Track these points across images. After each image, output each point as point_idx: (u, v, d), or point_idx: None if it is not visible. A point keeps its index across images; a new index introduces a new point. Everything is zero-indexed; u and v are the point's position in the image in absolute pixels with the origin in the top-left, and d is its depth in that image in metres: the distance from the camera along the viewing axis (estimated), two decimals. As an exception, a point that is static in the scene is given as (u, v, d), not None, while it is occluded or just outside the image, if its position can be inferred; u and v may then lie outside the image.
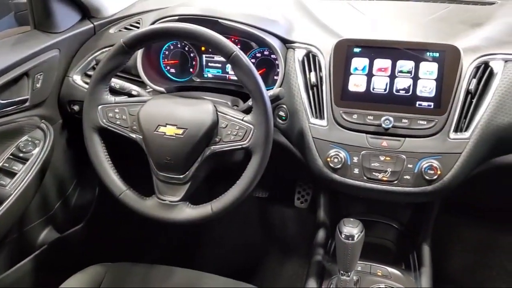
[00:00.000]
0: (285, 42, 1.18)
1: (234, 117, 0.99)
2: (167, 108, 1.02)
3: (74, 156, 1.45)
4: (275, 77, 1.23)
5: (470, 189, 1.20)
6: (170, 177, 1.01)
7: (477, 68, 1.04)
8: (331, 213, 1.42)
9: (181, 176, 1.01)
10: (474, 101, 1.03)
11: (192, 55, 1.32)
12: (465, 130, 1.02)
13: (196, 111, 1.00)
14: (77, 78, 1.32)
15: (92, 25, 1.38)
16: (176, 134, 0.98)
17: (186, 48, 1.32)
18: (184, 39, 1.27)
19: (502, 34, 1.12)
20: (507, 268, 1.70)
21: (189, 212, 1.01)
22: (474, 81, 1.03)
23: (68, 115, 1.36)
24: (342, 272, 1.06)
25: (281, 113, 1.16)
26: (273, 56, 1.24)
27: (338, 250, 1.04)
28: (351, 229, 1.00)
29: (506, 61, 1.04)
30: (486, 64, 1.04)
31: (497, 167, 1.09)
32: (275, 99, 1.05)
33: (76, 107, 1.33)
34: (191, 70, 1.33)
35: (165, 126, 0.99)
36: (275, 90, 1.05)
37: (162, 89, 1.21)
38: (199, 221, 1.00)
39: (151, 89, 1.23)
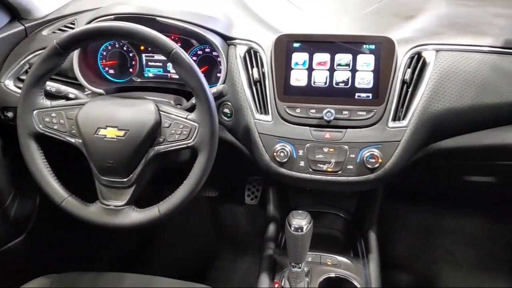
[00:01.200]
0: (226, 38, 1.18)
1: (178, 116, 0.97)
2: (107, 109, 0.99)
3: (11, 165, 1.37)
4: (218, 74, 1.23)
5: (410, 175, 1.25)
6: (113, 181, 0.98)
7: (411, 58, 1.08)
8: (280, 207, 1.44)
9: (125, 180, 0.98)
10: (410, 90, 1.07)
11: (131, 54, 1.29)
12: (403, 119, 1.06)
13: (137, 111, 0.98)
14: (9, 83, 1.25)
15: (22, 27, 1.31)
16: (117, 136, 0.96)
17: (125, 48, 1.29)
18: (121, 38, 1.24)
19: (432, 26, 1.17)
20: (449, 249, 1.79)
21: (135, 216, 0.99)
22: (409, 71, 1.07)
23: (2, 123, 1.29)
24: (293, 264, 1.07)
25: (226, 110, 1.16)
26: (214, 53, 1.24)
27: (288, 243, 1.05)
28: (300, 221, 1.02)
29: (437, 51, 1.09)
30: (419, 55, 1.09)
31: (434, 153, 1.14)
32: (218, 96, 1.04)
33: (10, 114, 1.26)
34: (130, 70, 1.30)
35: (106, 128, 0.96)
36: (218, 87, 1.05)
37: (101, 90, 1.17)
38: (147, 224, 0.98)
39: (89, 92, 1.19)
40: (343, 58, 1.08)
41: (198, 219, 1.94)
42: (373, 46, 1.07)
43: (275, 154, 1.08)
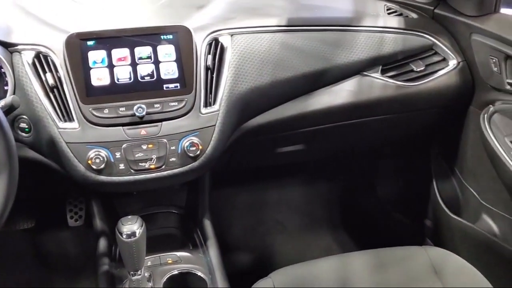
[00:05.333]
0: (6, 46, 1.04)
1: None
2: None
3: None
4: (5, 87, 1.07)
5: (231, 157, 1.30)
6: None
7: (210, 44, 1.11)
8: (108, 219, 1.35)
9: None
10: (214, 76, 1.10)
11: None
12: (214, 104, 1.08)
13: None
14: None
15: None
16: None
17: None
18: None
19: (224, 12, 1.23)
20: (278, 219, 1.93)
21: None
22: (210, 57, 1.10)
23: None
24: (132, 272, 1.02)
25: (23, 125, 1.02)
26: (-5, 64, 1.08)
27: (123, 252, 0.99)
28: (131, 226, 0.97)
29: (232, 35, 1.14)
30: (216, 40, 1.12)
31: (247, 132, 1.20)
32: (9, 109, 0.92)
33: None
34: None
35: None
36: (7, 99, 0.92)
37: None
38: None
39: None
40: (143, 51, 1.06)
41: (19, 258, 1.70)
42: (171, 36, 1.07)
43: (90, 162, 0.99)
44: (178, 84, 1.06)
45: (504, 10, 1.26)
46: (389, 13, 1.42)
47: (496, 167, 1.23)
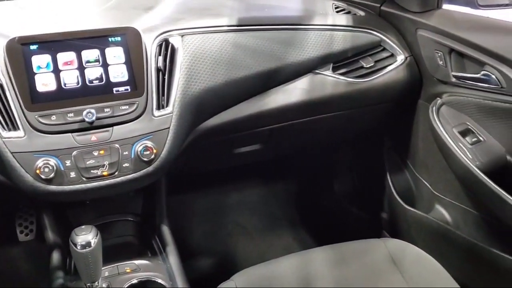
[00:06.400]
0: None
1: None
2: None
3: None
4: None
5: (188, 159, 1.27)
6: None
7: (160, 46, 1.09)
8: (61, 230, 1.29)
9: None
10: (166, 77, 1.07)
11: None
12: (167, 106, 1.06)
13: None
14: None
15: None
16: None
17: None
18: None
19: (172, 12, 1.21)
20: (239, 222, 1.92)
21: None
22: (161, 58, 1.07)
23: None
24: (88, 284, 0.98)
25: None
26: None
27: (78, 263, 0.95)
28: (85, 236, 0.93)
29: (182, 35, 1.12)
30: (166, 41, 1.10)
31: (203, 133, 1.18)
32: None
33: None
34: None
35: None
36: None
37: None
38: None
39: None
40: (91, 54, 1.02)
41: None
42: (119, 38, 1.04)
43: (38, 171, 0.95)
44: (128, 87, 1.03)
45: (446, 6, 1.31)
46: (337, 11, 1.45)
47: (446, 158, 1.27)
